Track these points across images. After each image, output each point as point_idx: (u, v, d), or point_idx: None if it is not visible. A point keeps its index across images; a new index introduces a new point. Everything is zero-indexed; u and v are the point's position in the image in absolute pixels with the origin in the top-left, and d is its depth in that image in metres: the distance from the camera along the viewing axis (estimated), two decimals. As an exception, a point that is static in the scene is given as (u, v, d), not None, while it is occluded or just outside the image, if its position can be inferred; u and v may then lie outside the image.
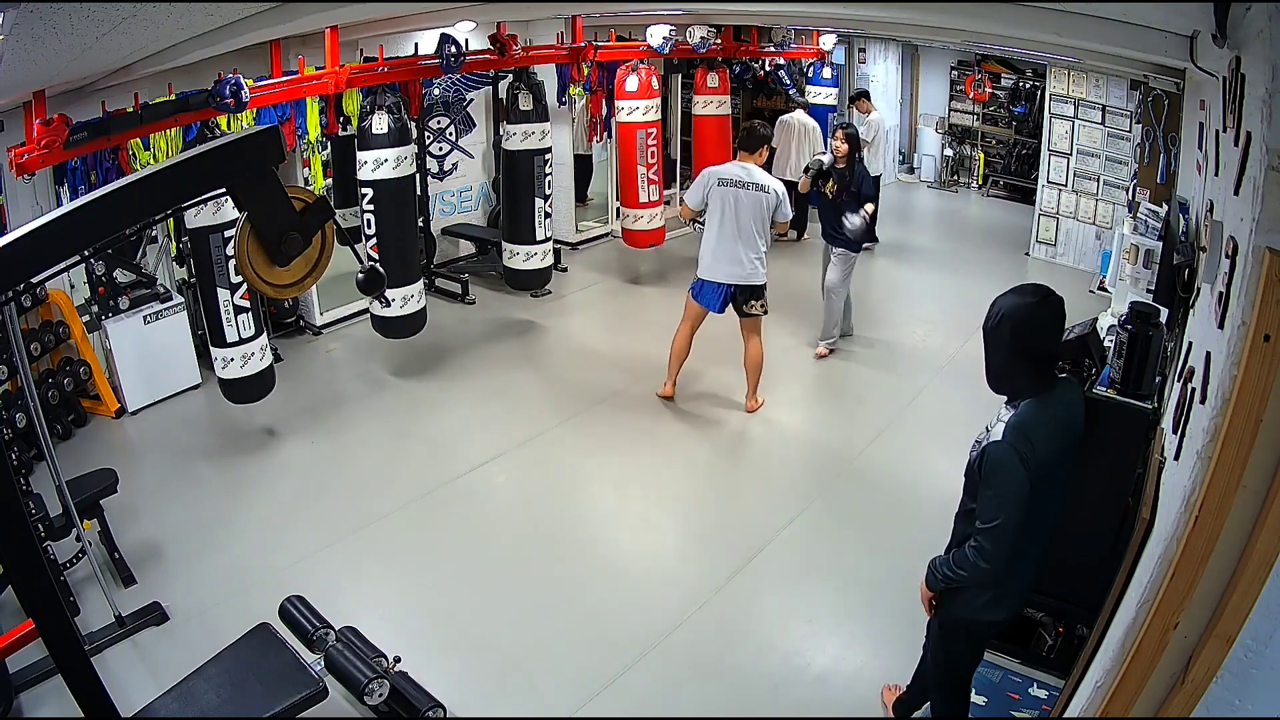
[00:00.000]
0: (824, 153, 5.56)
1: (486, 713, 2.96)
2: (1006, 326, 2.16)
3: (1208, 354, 1.67)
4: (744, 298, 4.68)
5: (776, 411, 5.13)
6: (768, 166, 4.81)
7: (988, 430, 2.24)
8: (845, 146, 5.37)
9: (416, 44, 5.86)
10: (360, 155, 4.89)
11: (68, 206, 1.79)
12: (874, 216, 5.51)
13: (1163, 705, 1.56)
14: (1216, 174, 2.12)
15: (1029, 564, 2.33)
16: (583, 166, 8.25)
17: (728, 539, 3.90)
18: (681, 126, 8.73)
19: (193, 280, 5.02)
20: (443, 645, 3.28)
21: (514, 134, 5.77)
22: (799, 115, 8.03)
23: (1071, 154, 7.69)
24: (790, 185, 6.26)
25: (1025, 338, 2.15)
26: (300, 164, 5.56)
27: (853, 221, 5.36)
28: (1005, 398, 2.26)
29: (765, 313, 4.76)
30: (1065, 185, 7.77)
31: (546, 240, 6.09)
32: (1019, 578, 2.33)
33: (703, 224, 4.73)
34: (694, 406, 5.09)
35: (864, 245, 8.09)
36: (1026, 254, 8.12)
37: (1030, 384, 2.19)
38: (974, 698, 2.95)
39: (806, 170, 5.44)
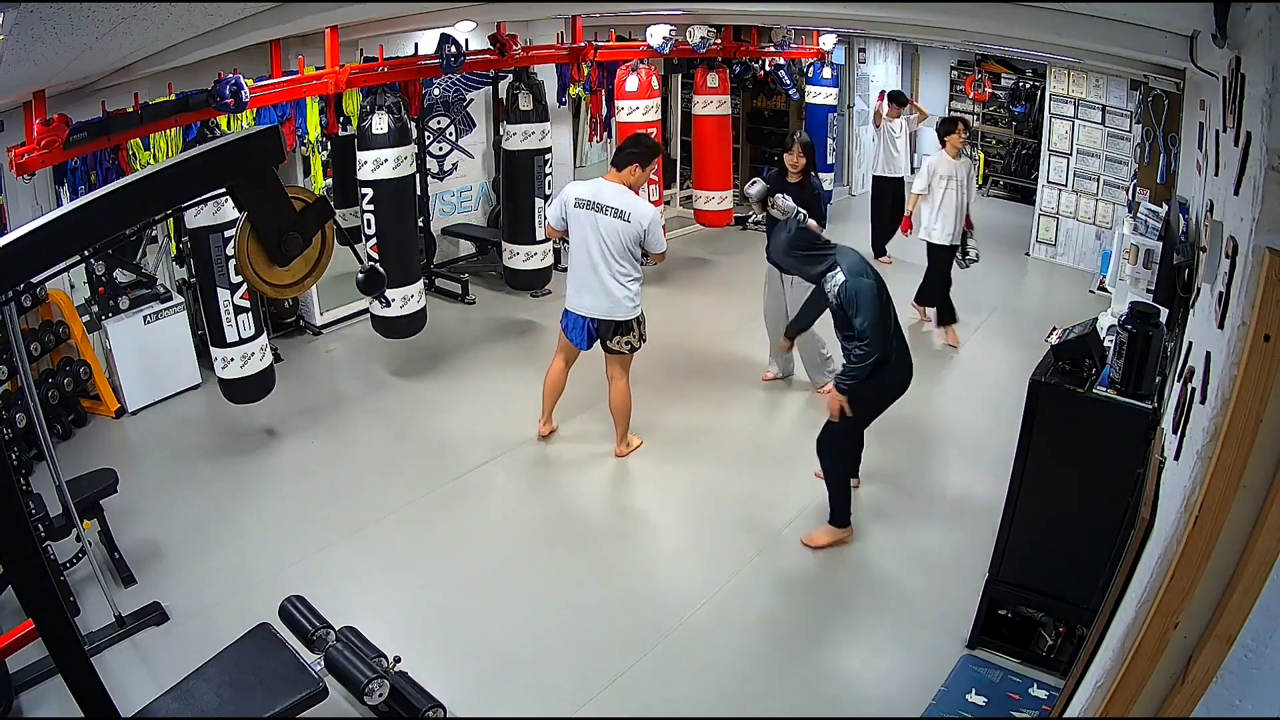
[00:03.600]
0: (754, 181, 4.74)
1: (486, 713, 2.96)
2: (787, 245, 3.72)
3: (1208, 354, 1.67)
4: (606, 332, 4.18)
5: (776, 411, 5.13)
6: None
7: (829, 289, 3.50)
8: (803, 160, 4.82)
9: (416, 44, 5.86)
10: (360, 155, 4.89)
11: (68, 206, 1.79)
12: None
13: (1163, 705, 1.56)
14: (1216, 174, 2.12)
15: (894, 341, 3.52)
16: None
17: (727, 539, 3.90)
18: (681, 126, 8.72)
19: (193, 280, 5.02)
20: (443, 645, 3.28)
21: (514, 134, 5.77)
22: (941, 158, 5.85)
23: (1071, 154, 7.69)
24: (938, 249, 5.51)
25: (796, 242, 3.70)
26: (300, 165, 5.56)
27: (780, 204, 4.45)
28: (814, 279, 3.64)
29: (631, 350, 4.24)
30: (1065, 185, 7.77)
31: (546, 240, 6.09)
32: (898, 356, 3.56)
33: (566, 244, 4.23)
34: (694, 406, 5.09)
35: (882, 258, 7.30)
36: (1026, 254, 8.13)
37: (822, 256, 3.58)
38: (974, 698, 2.96)
39: (750, 200, 4.71)
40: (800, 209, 4.40)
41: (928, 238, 5.84)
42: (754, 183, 4.75)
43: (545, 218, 4.30)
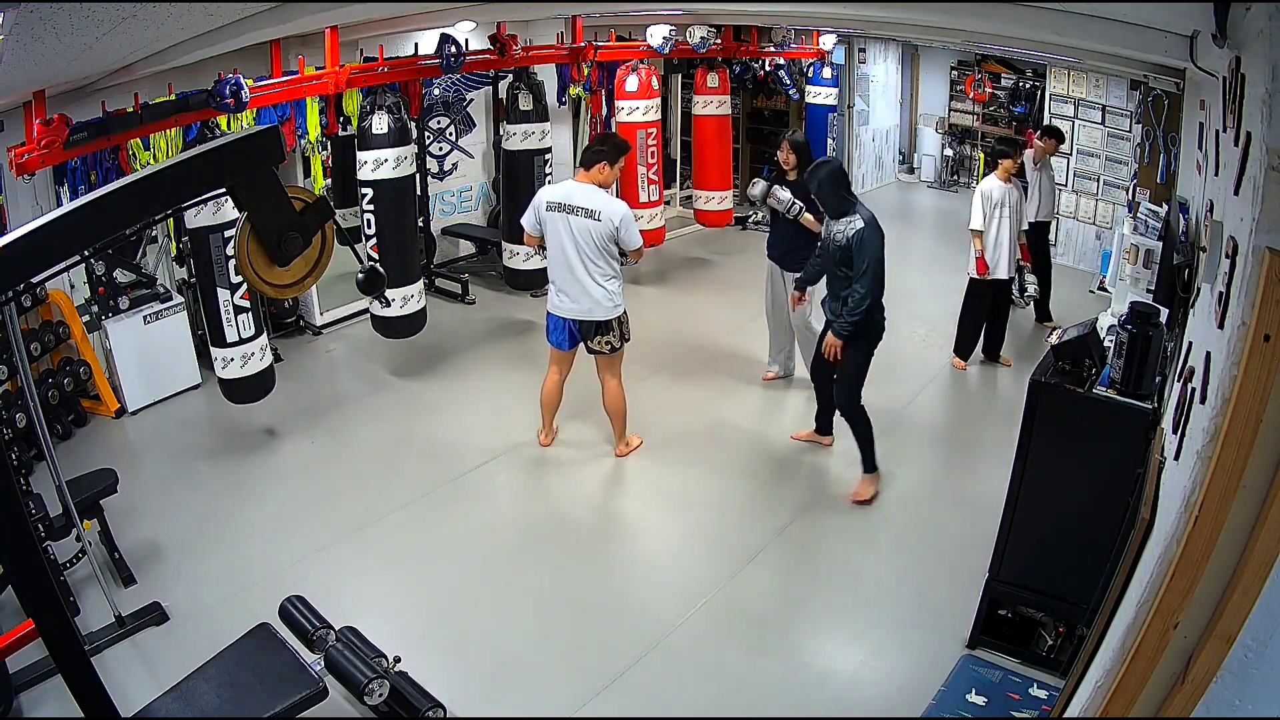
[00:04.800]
0: (755, 182, 4.74)
1: (486, 713, 2.96)
2: (829, 176, 3.91)
3: (1208, 354, 1.67)
4: (588, 333, 4.18)
5: (777, 414, 5.13)
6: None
7: (840, 231, 3.88)
8: (793, 157, 4.69)
9: (416, 44, 5.86)
10: (360, 155, 4.89)
11: (68, 206, 1.79)
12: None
13: (1163, 705, 1.56)
14: (1216, 174, 2.12)
15: (881, 293, 3.94)
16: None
17: (728, 539, 3.90)
18: (681, 126, 8.73)
19: (193, 280, 5.02)
20: (443, 645, 3.28)
21: (514, 134, 5.78)
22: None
23: (1071, 154, 7.69)
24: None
25: (838, 178, 3.94)
26: (300, 164, 5.56)
27: (779, 196, 4.66)
28: (835, 216, 3.93)
29: (613, 350, 4.21)
30: (1065, 185, 7.77)
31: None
32: (881, 303, 3.96)
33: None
34: (694, 405, 5.09)
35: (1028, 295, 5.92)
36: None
37: (850, 201, 3.91)
38: (974, 698, 2.96)
39: (755, 200, 4.80)
40: (796, 200, 4.68)
41: (988, 274, 5.28)
42: (755, 183, 4.84)
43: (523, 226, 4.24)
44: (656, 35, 6.79)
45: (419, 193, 6.05)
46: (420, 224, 6.14)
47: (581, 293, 4.09)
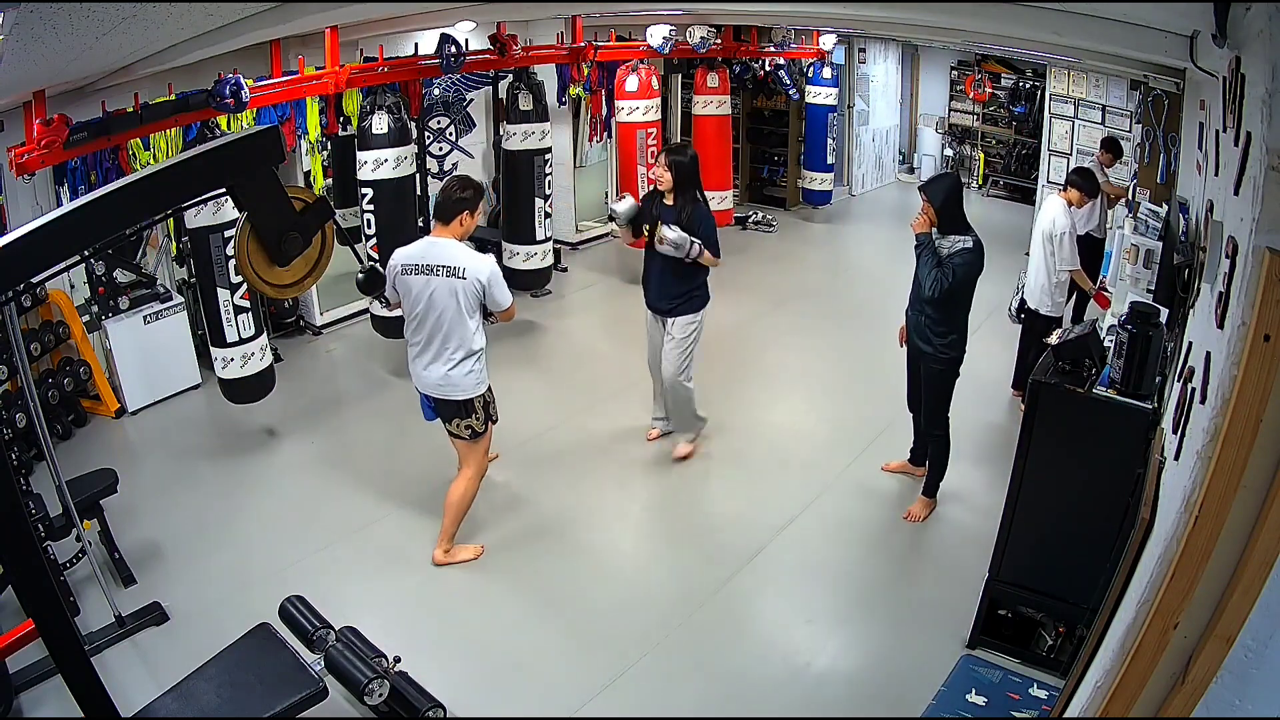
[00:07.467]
0: (622, 197, 4.19)
1: (486, 713, 2.96)
2: (953, 188, 3.61)
3: (1208, 354, 1.67)
4: (446, 414, 3.52)
5: (777, 413, 5.13)
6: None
7: (946, 249, 3.56)
8: (669, 176, 3.97)
9: (416, 44, 5.86)
10: (360, 155, 4.90)
11: (68, 206, 1.79)
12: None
13: (1163, 705, 1.56)
14: (1216, 174, 2.12)
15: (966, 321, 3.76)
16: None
17: (727, 539, 3.90)
18: (681, 126, 8.73)
19: (193, 280, 5.02)
20: (443, 645, 3.28)
21: (514, 134, 5.78)
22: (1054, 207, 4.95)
23: (1071, 154, 7.69)
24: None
25: (959, 194, 3.65)
26: (299, 163, 5.56)
27: (668, 238, 3.88)
28: (941, 232, 3.59)
29: (474, 435, 3.55)
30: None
31: (546, 240, 6.10)
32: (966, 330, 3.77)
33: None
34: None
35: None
36: (1026, 254, 8.10)
37: (964, 221, 3.60)
38: (974, 698, 2.97)
39: (613, 219, 4.21)
40: (695, 239, 3.93)
41: (1059, 311, 4.89)
42: (623, 198, 4.25)
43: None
44: (656, 35, 6.79)
45: (419, 193, 6.05)
46: (420, 224, 6.13)
47: (439, 365, 3.41)
